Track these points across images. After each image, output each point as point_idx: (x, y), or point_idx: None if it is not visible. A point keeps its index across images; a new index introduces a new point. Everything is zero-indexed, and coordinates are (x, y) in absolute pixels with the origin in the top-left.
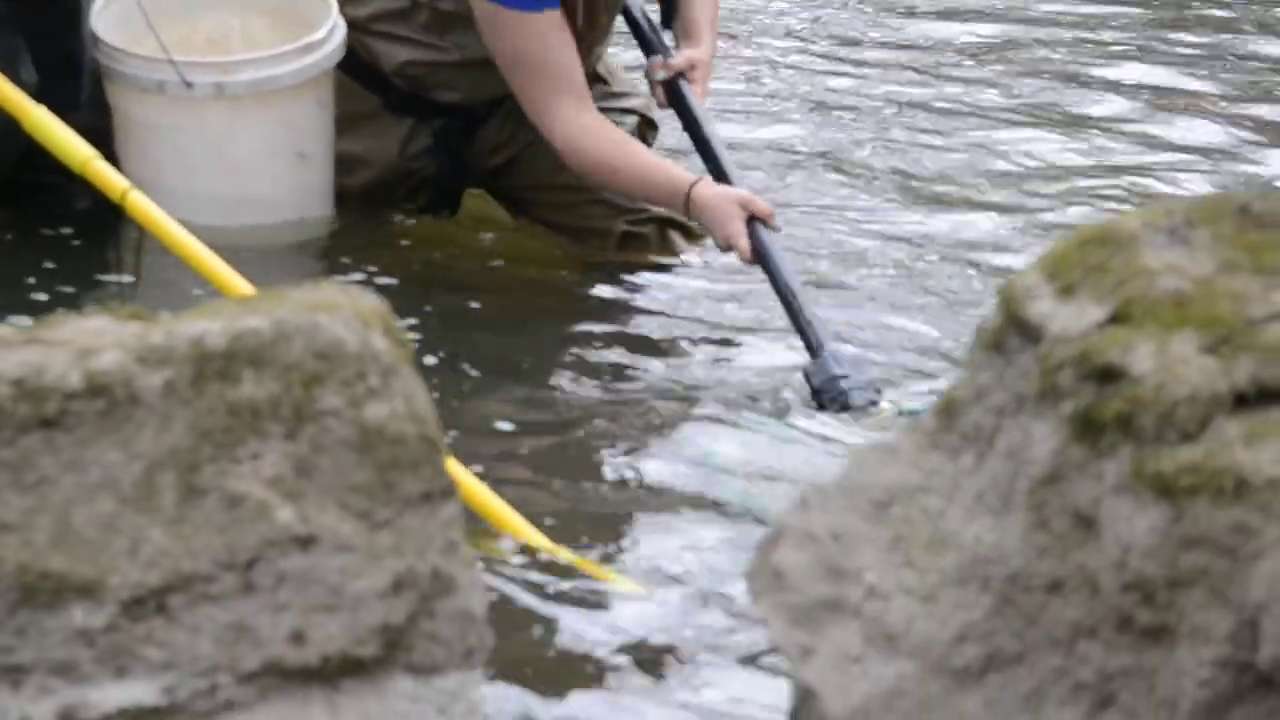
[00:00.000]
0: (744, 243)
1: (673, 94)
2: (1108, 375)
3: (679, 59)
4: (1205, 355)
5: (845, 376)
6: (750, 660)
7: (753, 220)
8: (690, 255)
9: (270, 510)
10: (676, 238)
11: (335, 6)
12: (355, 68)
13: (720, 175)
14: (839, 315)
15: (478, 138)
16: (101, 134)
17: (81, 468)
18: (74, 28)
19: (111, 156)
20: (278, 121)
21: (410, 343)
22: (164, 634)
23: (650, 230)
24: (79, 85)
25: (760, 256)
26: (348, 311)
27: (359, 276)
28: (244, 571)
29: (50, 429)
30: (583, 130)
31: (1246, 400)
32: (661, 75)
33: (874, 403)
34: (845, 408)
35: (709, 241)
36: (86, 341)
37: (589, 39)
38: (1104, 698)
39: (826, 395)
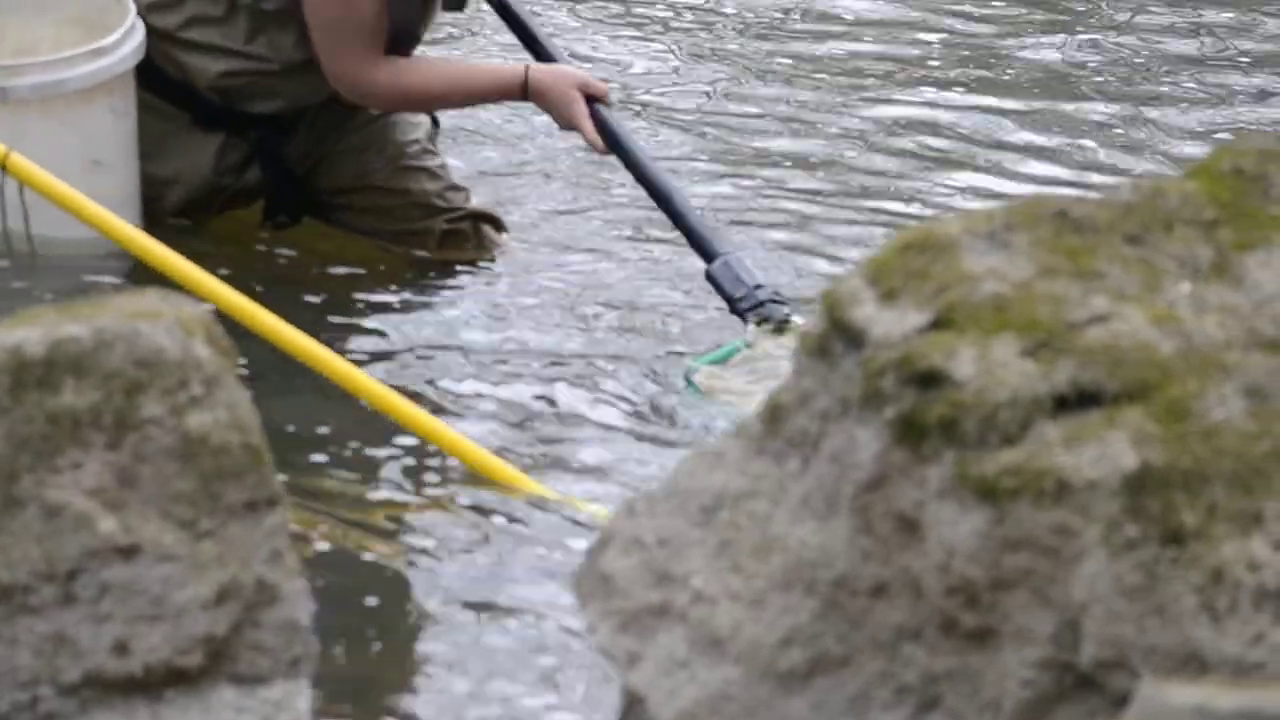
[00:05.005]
0: (588, 124)
1: None
2: (930, 380)
3: None
4: (1025, 359)
5: (760, 286)
6: None
7: (591, 101)
8: (505, 247)
9: (92, 520)
10: (490, 231)
11: (133, 10)
12: (161, 84)
13: (546, 57)
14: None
15: (289, 147)
16: None
17: None
18: None
19: None
20: (67, 128)
21: (233, 351)
22: None
23: (467, 226)
24: None
25: (612, 140)
26: (169, 319)
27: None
28: (65, 582)
29: None
30: (400, 70)
31: (1067, 403)
32: None
33: (788, 318)
34: (765, 320)
35: (523, 232)
36: None
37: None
38: (929, 700)
39: (744, 305)
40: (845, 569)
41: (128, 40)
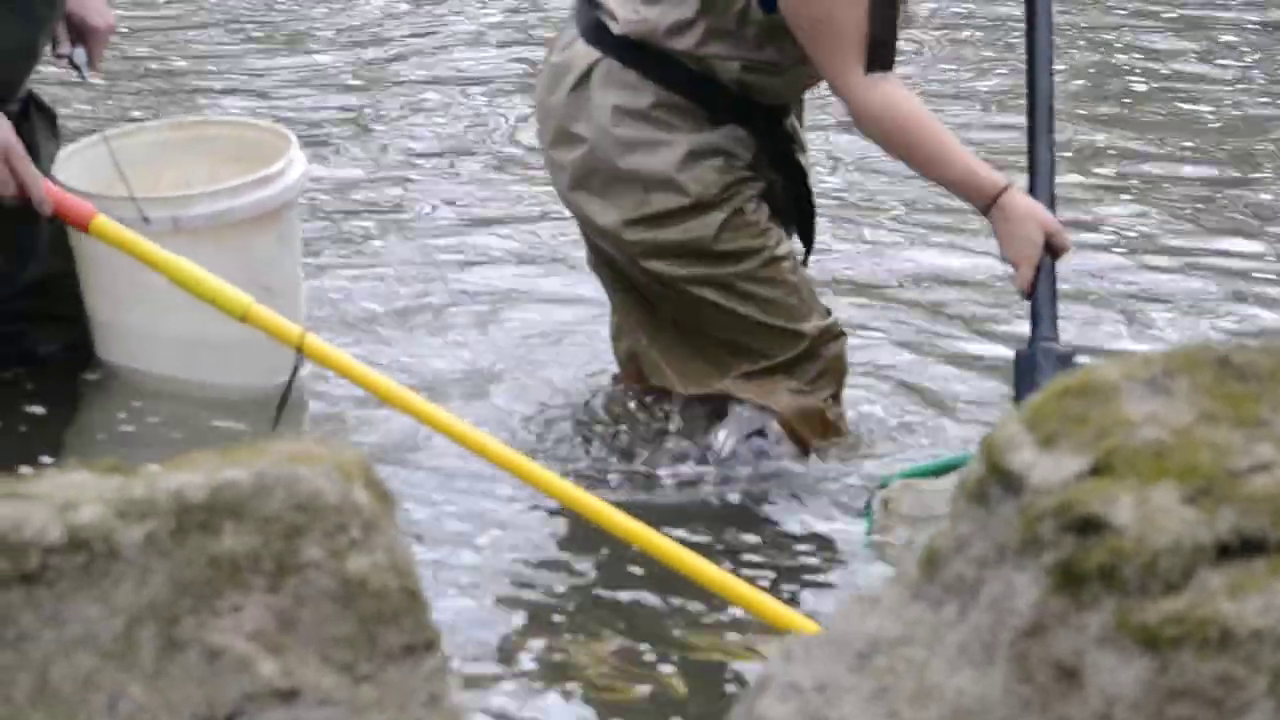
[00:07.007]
0: (1030, 274)
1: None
2: (1089, 526)
3: None
4: (1187, 505)
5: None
6: None
7: (1047, 249)
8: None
9: (252, 663)
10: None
11: (293, 141)
12: (683, 82)
13: (1033, 188)
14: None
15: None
16: (59, 279)
17: (61, 623)
18: None
19: (66, 300)
20: (237, 255)
21: (392, 495)
22: None
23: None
24: (35, 232)
25: (1037, 289)
26: (328, 463)
27: (337, 422)
28: None
29: (30, 584)
30: (888, 94)
31: (1229, 551)
32: None
33: None
34: None
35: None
36: (67, 495)
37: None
38: None
39: (1020, 394)
40: (1004, 717)
41: (291, 169)
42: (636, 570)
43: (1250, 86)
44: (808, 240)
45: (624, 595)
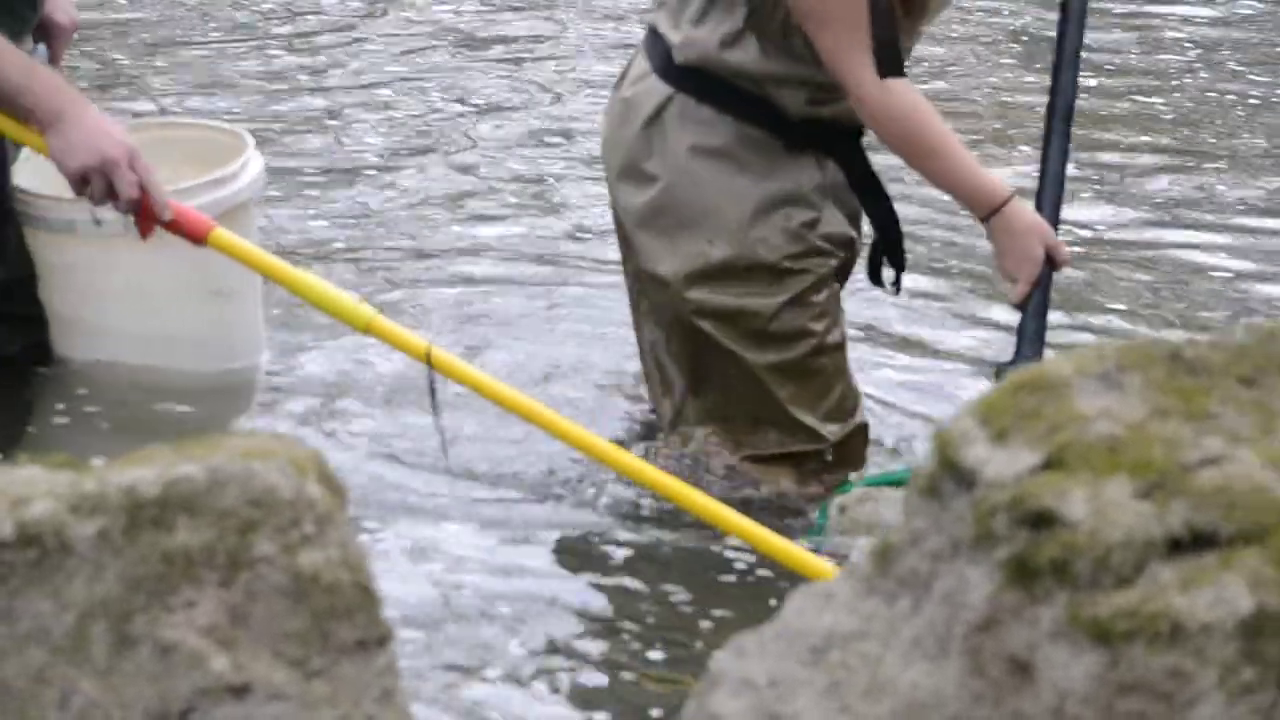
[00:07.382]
0: (1027, 289)
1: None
2: (1042, 520)
3: None
4: (1139, 500)
5: None
6: None
7: (1049, 263)
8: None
9: (204, 659)
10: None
11: (250, 143)
12: (755, 112)
13: (1040, 198)
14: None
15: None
16: (22, 282)
17: (12, 619)
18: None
19: (30, 302)
20: (189, 257)
21: (345, 489)
22: None
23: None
24: (4, 236)
25: (1031, 302)
26: (282, 458)
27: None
28: None
29: None
30: (898, 94)
31: (1181, 545)
32: None
33: None
34: None
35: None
36: (18, 491)
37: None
38: None
39: None
40: (957, 711)
41: (246, 170)
42: (603, 567)
43: (1198, 80)
44: (898, 264)
45: (593, 592)
